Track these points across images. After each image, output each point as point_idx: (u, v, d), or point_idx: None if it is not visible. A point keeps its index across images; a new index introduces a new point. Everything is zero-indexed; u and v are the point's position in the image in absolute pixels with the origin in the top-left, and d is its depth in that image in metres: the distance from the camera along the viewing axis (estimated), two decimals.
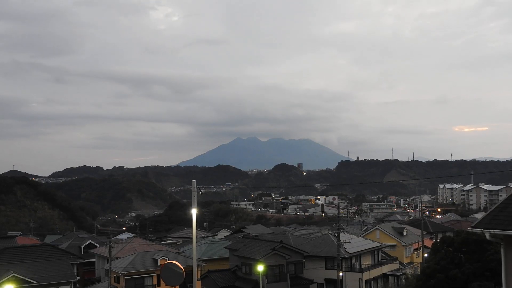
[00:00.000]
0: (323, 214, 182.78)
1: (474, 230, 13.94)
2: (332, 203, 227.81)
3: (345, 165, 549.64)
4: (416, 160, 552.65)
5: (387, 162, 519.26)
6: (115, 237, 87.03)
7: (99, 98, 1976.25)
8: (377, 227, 71.88)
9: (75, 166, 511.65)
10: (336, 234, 52.58)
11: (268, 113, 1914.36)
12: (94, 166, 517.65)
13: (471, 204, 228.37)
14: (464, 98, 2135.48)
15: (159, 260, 45.93)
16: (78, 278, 52.13)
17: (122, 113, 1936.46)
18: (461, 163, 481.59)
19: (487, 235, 13.37)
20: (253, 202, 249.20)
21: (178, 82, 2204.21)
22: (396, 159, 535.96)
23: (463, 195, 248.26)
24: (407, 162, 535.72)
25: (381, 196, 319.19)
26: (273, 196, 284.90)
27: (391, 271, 58.35)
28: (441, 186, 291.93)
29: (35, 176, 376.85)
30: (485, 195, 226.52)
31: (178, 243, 74.09)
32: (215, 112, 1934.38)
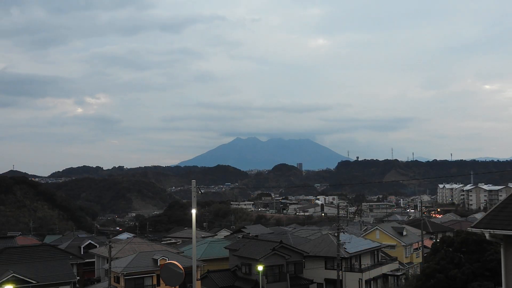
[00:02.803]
0: (322, 214, 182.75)
1: (474, 230, 13.92)
2: (332, 203, 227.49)
3: (345, 165, 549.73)
4: (416, 160, 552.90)
5: (387, 162, 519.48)
6: (114, 237, 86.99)
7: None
8: (377, 227, 71.90)
9: (74, 166, 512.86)
10: (335, 234, 52.61)
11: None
12: (94, 166, 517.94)
13: (471, 204, 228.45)
14: (464, 98, 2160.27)
15: (159, 260, 45.91)
16: (78, 278, 52.12)
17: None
18: (461, 163, 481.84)
19: (487, 235, 13.35)
20: (253, 202, 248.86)
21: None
22: (396, 159, 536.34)
23: (463, 195, 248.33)
24: (407, 162, 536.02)
25: (381, 196, 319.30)
26: (273, 196, 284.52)
27: (391, 271, 58.34)
28: (440, 186, 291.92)
29: (35, 176, 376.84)
30: (485, 195, 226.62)
31: (178, 243, 74.06)
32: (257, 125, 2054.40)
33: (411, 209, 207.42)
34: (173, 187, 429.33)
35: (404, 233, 69.24)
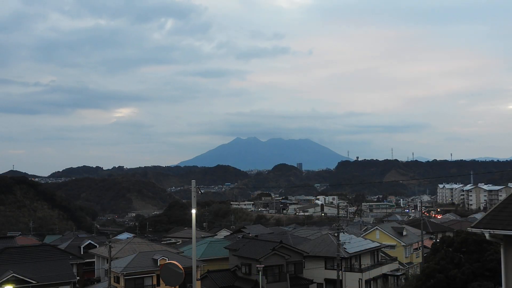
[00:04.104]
0: (322, 214, 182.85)
1: (474, 230, 13.90)
2: (332, 203, 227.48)
3: (345, 165, 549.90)
4: (416, 160, 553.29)
5: (386, 162, 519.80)
6: (114, 237, 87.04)
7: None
8: (376, 227, 71.96)
9: (74, 166, 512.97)
10: (335, 234, 52.67)
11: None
12: (94, 166, 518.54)
13: (471, 204, 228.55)
14: (446, 109, 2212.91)
15: (158, 260, 45.90)
16: (78, 278, 52.17)
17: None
18: (461, 163, 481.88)
19: (487, 235, 13.34)
20: (252, 202, 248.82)
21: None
22: (396, 159, 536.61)
23: (463, 195, 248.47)
24: (407, 162, 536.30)
25: (380, 196, 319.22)
26: (273, 196, 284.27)
27: (390, 271, 58.38)
28: (440, 186, 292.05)
29: (35, 176, 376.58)
30: (485, 195, 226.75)
31: (177, 243, 74.11)
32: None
33: (412, 209, 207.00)
34: (173, 187, 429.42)
35: (404, 233, 69.28)
